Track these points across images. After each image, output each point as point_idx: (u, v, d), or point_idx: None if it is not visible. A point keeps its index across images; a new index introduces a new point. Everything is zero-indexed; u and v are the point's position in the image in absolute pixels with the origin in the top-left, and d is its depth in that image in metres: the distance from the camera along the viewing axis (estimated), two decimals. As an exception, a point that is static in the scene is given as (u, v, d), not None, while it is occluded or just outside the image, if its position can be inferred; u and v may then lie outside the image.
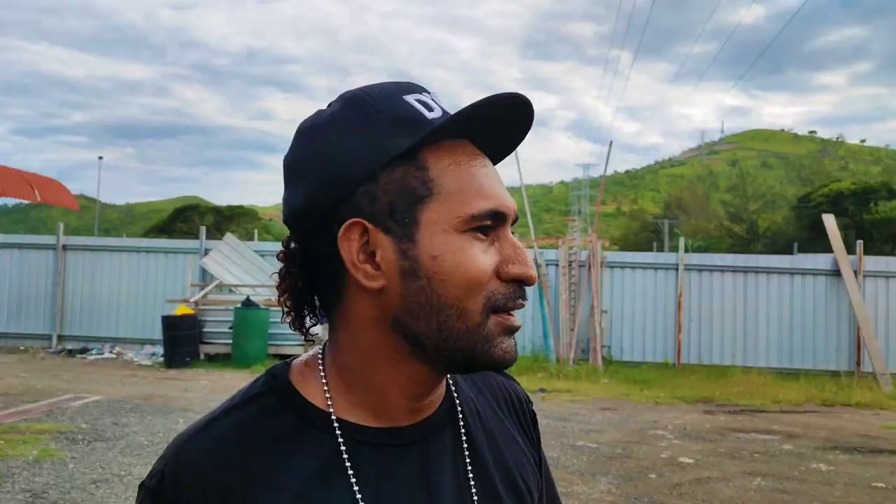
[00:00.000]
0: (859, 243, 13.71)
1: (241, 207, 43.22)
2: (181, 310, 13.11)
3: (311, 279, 0.80)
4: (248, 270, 14.73)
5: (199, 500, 0.72)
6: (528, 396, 1.00)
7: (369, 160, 0.74)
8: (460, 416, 0.85)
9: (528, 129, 0.80)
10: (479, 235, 0.74)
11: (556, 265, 14.38)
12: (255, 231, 28.04)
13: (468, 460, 0.82)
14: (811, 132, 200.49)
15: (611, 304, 14.29)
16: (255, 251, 15.34)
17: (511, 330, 0.76)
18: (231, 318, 12.94)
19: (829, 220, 13.99)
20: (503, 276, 0.74)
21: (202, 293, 13.96)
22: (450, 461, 0.81)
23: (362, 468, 0.76)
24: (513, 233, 0.78)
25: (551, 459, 6.97)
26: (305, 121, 0.81)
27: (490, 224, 0.74)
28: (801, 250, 27.55)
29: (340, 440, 0.76)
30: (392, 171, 0.74)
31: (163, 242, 16.99)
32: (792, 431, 8.77)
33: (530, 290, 14.05)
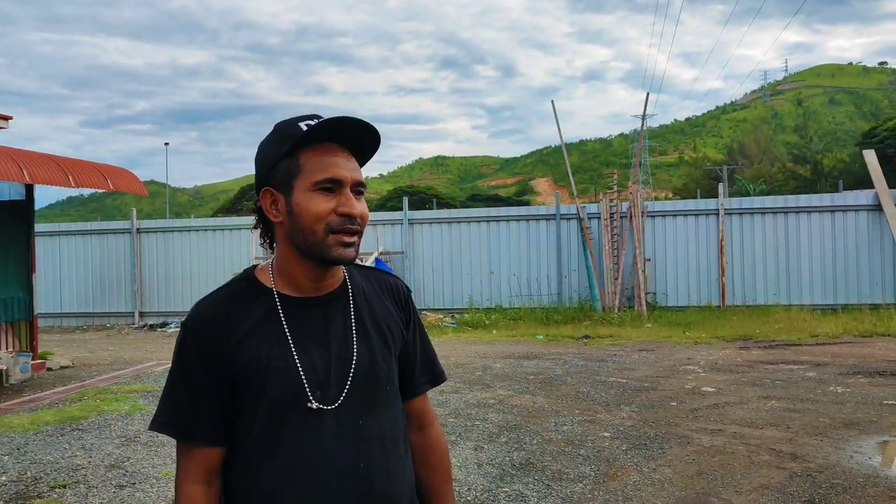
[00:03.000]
0: (901, 176, 13.74)
1: (302, 182, 44.50)
2: (247, 281, 14.12)
3: (264, 221, 1.50)
4: (306, 241, 15.65)
5: (205, 328, 1.41)
6: (405, 286, 1.69)
7: (273, 158, 1.43)
8: (350, 292, 1.53)
9: (374, 136, 1.46)
10: (324, 192, 1.39)
11: (599, 218, 14.85)
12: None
13: (352, 315, 1.51)
14: (881, 63, 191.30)
15: (654, 252, 14.73)
16: (312, 223, 16.24)
17: (343, 244, 1.40)
18: (293, 287, 13.89)
19: (870, 156, 14.06)
20: (338, 212, 1.39)
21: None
22: (340, 315, 1.49)
23: (287, 315, 1.43)
24: (359, 194, 1.43)
25: (581, 394, 7.63)
26: (262, 140, 1.51)
27: (331, 186, 1.39)
28: (865, 187, 27.04)
29: (277, 301, 1.44)
30: (283, 161, 1.41)
31: (227, 221, 18.08)
32: (820, 361, 9.19)
33: (574, 243, 14.58)
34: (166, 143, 64.30)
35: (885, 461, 5.37)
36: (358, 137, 1.45)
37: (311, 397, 1.39)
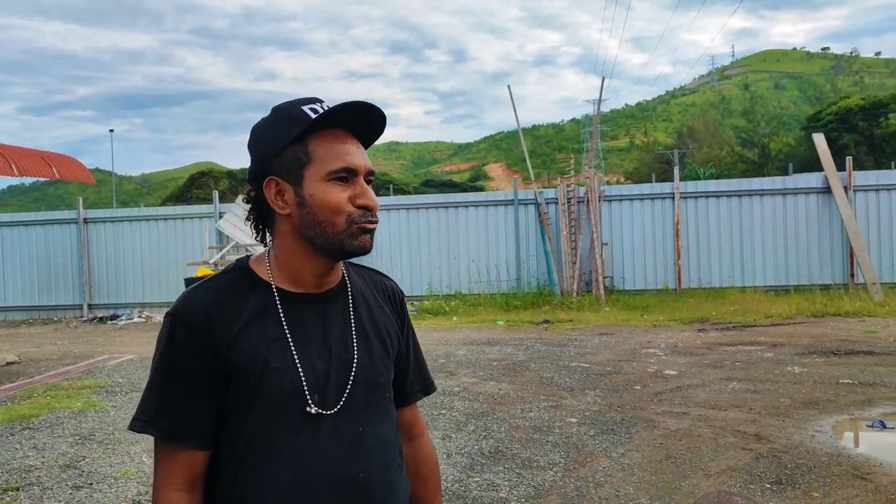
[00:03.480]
0: (849, 159, 14.05)
1: (254, 170, 43.68)
2: (202, 271, 13.79)
3: (260, 211, 1.39)
4: (261, 230, 15.37)
5: (197, 319, 1.29)
6: (401, 291, 1.60)
7: (277, 145, 1.32)
8: (349, 291, 1.44)
9: (383, 120, 1.37)
10: (339, 182, 1.30)
11: (556, 203, 14.87)
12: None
13: (351, 314, 1.41)
14: (824, 49, 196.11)
15: (611, 237, 14.82)
16: (267, 211, 15.96)
17: (365, 231, 1.32)
18: (249, 276, 13.62)
19: (819, 139, 14.33)
20: (355, 204, 1.31)
21: (220, 254, 14.65)
22: (339, 313, 1.40)
23: (286, 311, 1.34)
24: (369, 183, 1.35)
25: (546, 379, 7.62)
26: (256, 123, 1.39)
27: (345, 175, 1.30)
28: (811, 169, 27.60)
29: (276, 295, 1.34)
30: (290, 149, 1.31)
31: (178, 209, 17.62)
32: (777, 341, 9.35)
33: (532, 229, 14.59)
34: (111, 130, 62.88)
35: (845, 440, 5.46)
36: (365, 122, 1.36)
37: (309, 401, 1.30)
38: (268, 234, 1.40)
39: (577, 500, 4.36)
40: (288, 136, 1.30)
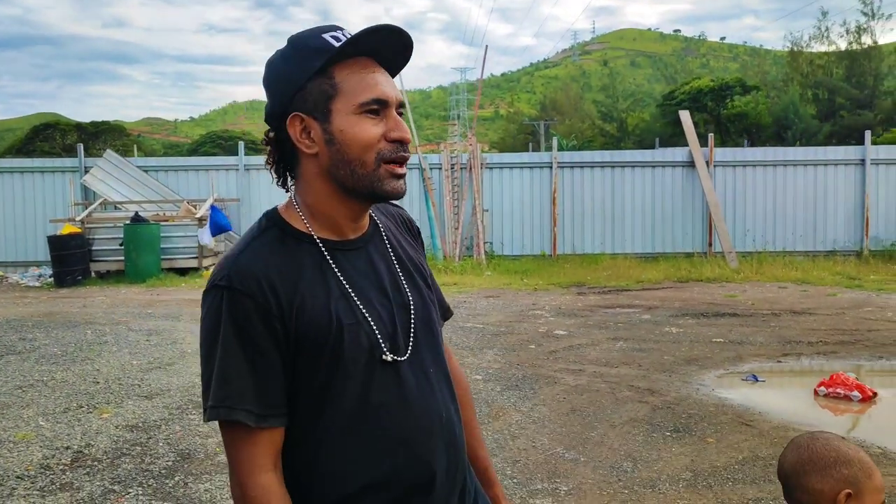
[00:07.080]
0: (710, 136, 15.11)
1: (106, 123, 40.75)
2: (67, 229, 12.98)
3: (282, 154, 1.30)
4: (132, 186, 14.60)
5: (256, 286, 1.19)
6: (411, 218, 1.57)
7: (299, 78, 1.23)
8: (382, 231, 1.39)
9: (409, 45, 1.28)
10: (370, 115, 1.22)
11: (440, 169, 15.06)
12: (135, 147, 27.06)
13: (391, 254, 1.37)
14: (675, 31, 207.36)
15: (491, 203, 15.22)
16: (139, 167, 15.16)
17: (396, 175, 1.25)
18: (121, 235, 12.95)
19: (685, 116, 15.28)
20: (388, 138, 1.23)
21: (87, 212, 13.80)
22: (381, 255, 1.36)
23: (338, 262, 1.28)
24: (399, 114, 1.26)
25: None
26: (270, 56, 1.30)
27: (376, 108, 1.22)
28: (665, 145, 29.13)
29: (323, 248, 1.27)
30: (313, 81, 1.22)
31: (37, 162, 16.38)
32: (651, 304, 10.02)
33: (416, 194, 14.72)
34: (-59, 73, 56.90)
35: (726, 392, 6.00)
36: (392, 50, 1.27)
37: (385, 350, 1.26)
38: (289, 179, 1.33)
39: (497, 451, 4.57)
40: (311, 67, 1.22)
